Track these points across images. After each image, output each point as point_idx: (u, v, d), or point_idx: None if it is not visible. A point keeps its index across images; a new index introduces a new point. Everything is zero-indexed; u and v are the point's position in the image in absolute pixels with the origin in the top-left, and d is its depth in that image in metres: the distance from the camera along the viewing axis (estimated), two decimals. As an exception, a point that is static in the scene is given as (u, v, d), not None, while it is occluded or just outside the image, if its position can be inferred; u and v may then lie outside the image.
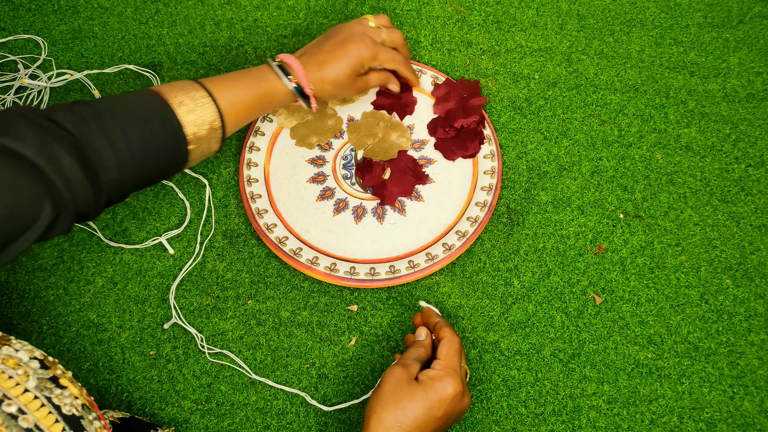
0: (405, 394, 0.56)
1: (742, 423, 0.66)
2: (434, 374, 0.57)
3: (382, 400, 0.56)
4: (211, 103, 0.62)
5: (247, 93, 0.66)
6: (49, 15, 0.90)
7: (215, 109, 0.62)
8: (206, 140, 0.62)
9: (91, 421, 0.46)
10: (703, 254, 0.74)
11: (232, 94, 0.64)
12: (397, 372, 0.57)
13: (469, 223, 0.73)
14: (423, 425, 0.55)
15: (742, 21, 0.90)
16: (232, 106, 0.64)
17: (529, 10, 0.91)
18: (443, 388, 0.56)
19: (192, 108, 0.60)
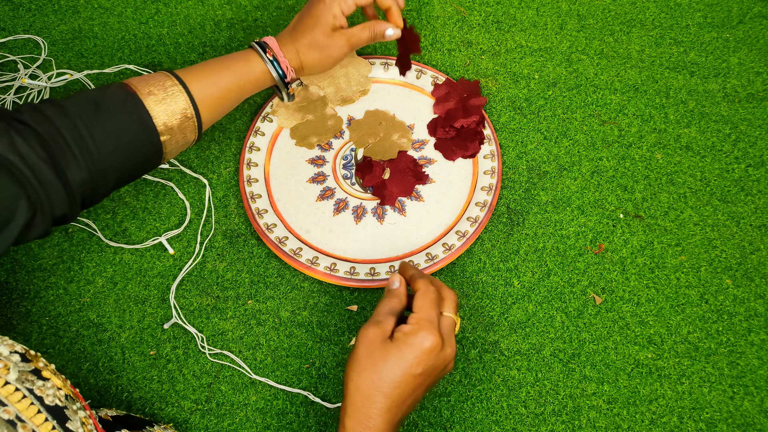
0: (380, 356, 0.52)
1: (742, 423, 0.66)
2: (408, 329, 0.53)
3: (357, 364, 0.53)
4: (182, 92, 0.61)
5: (221, 77, 0.65)
6: (49, 15, 0.90)
7: (186, 97, 0.61)
8: (179, 130, 0.61)
9: (76, 411, 0.46)
10: (703, 254, 0.74)
11: (206, 80, 0.64)
12: (370, 333, 0.53)
13: (469, 223, 0.73)
14: (402, 385, 0.52)
15: (742, 21, 0.90)
16: (206, 92, 0.63)
17: (529, 10, 0.91)
18: (418, 343, 0.52)
19: (162, 97, 0.59)
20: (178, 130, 0.61)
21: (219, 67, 0.65)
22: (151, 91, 0.59)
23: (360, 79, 0.84)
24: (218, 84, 0.64)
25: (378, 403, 0.51)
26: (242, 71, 0.66)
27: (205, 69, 0.65)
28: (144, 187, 0.78)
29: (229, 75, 0.65)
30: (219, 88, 0.64)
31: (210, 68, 0.65)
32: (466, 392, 0.67)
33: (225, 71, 0.65)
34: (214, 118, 0.65)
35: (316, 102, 0.82)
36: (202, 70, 0.64)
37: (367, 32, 0.70)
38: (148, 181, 0.78)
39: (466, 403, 0.67)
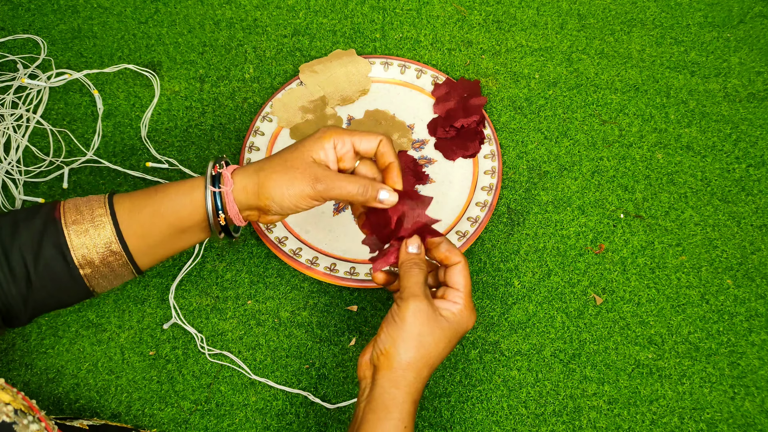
0: (431, 331, 0.52)
1: (742, 423, 0.66)
2: (458, 310, 0.54)
3: (410, 338, 0.52)
4: (109, 222, 0.53)
5: (156, 206, 0.54)
6: (49, 15, 0.90)
7: (112, 228, 0.53)
8: (104, 265, 0.53)
9: (27, 425, 0.45)
10: (703, 254, 0.74)
11: (139, 210, 0.54)
12: (423, 307, 0.52)
13: (469, 223, 0.73)
14: (443, 357, 0.54)
15: (742, 20, 0.90)
16: (138, 226, 0.54)
17: (529, 9, 0.91)
18: (465, 322, 0.54)
19: (86, 228, 0.53)
20: (102, 264, 0.53)
21: (158, 195, 0.55)
22: (76, 220, 0.53)
23: (360, 78, 0.83)
24: (151, 214, 0.54)
25: (424, 375, 0.53)
26: (179, 201, 0.54)
27: (142, 197, 0.55)
28: (143, 187, 0.78)
29: (166, 204, 0.54)
30: (153, 220, 0.54)
31: (148, 196, 0.55)
32: (466, 393, 0.67)
33: (163, 200, 0.54)
34: (155, 256, 0.56)
35: (316, 102, 0.82)
36: (142, 198, 0.55)
37: (356, 186, 0.53)
38: (148, 181, 0.78)
39: (466, 404, 0.66)
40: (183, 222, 0.55)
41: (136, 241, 0.54)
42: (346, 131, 0.55)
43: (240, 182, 0.54)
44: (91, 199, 0.55)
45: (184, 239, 0.56)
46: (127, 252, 0.54)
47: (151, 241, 0.55)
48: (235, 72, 0.86)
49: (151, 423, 0.65)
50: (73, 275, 0.53)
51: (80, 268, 0.53)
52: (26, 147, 0.79)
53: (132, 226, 0.54)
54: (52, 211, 0.53)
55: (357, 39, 0.88)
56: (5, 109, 0.81)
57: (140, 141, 0.81)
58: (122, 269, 0.55)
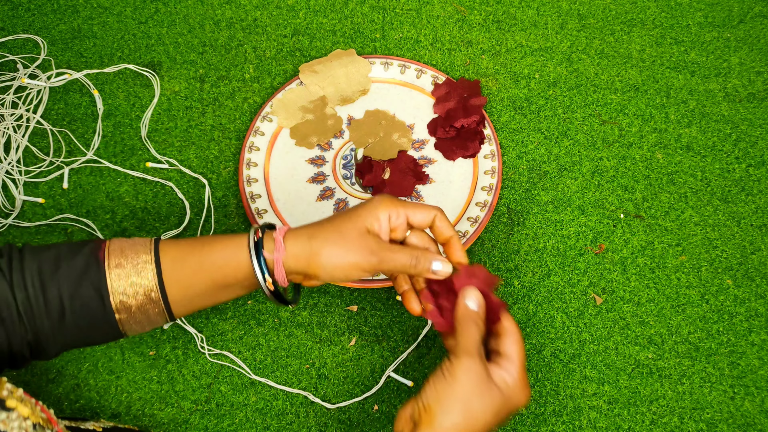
0: (482, 398, 0.48)
1: (742, 423, 0.66)
2: (514, 383, 0.50)
3: (458, 399, 0.48)
4: (152, 270, 0.52)
5: (201, 263, 0.53)
6: (49, 15, 0.90)
7: (155, 276, 0.52)
8: (140, 311, 0.53)
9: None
10: (703, 254, 0.74)
11: (185, 261, 0.53)
12: (478, 368, 0.48)
13: (469, 223, 0.73)
14: (487, 429, 0.49)
15: (742, 20, 0.90)
16: (181, 276, 0.53)
17: (529, 9, 0.91)
18: (518, 398, 0.50)
19: (128, 273, 0.52)
20: (139, 311, 0.53)
21: (205, 249, 0.54)
22: (120, 264, 0.52)
23: (360, 78, 0.83)
24: (195, 267, 0.53)
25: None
26: (225, 259, 0.53)
27: (188, 248, 0.54)
28: (144, 187, 0.78)
29: (212, 259, 0.53)
30: (196, 272, 0.53)
31: (193, 247, 0.54)
32: (466, 393, 0.67)
33: (209, 254, 0.53)
34: (192, 307, 0.55)
35: (316, 102, 0.82)
36: (184, 249, 0.54)
37: (407, 257, 0.52)
38: (148, 181, 0.78)
39: (466, 404, 0.66)
40: (227, 279, 0.53)
41: (176, 291, 0.53)
42: (400, 203, 0.53)
43: (291, 249, 0.52)
44: (137, 243, 0.54)
45: (225, 294, 0.55)
46: (165, 301, 0.53)
47: (192, 292, 0.54)
48: (235, 72, 0.86)
49: (151, 423, 0.65)
50: (108, 318, 0.52)
51: (116, 313, 0.52)
52: (26, 147, 0.80)
53: (174, 275, 0.53)
54: (96, 250, 0.53)
55: (357, 39, 0.88)
56: (5, 109, 0.81)
57: (140, 141, 0.81)
58: (158, 317, 0.54)
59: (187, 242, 0.54)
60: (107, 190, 0.77)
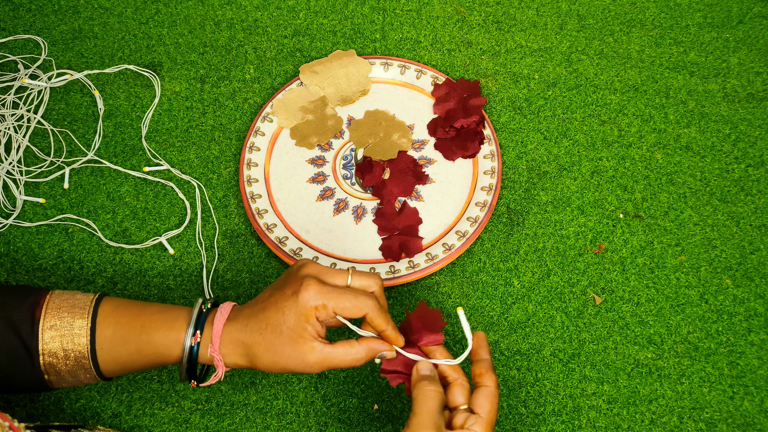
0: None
1: (742, 423, 0.66)
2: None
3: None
4: (86, 336, 0.52)
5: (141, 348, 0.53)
6: (50, 15, 0.90)
7: (87, 344, 0.52)
8: (71, 375, 0.53)
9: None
10: (703, 254, 0.74)
11: (124, 344, 0.53)
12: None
13: (469, 223, 0.73)
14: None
15: (741, 21, 0.90)
16: (117, 355, 0.53)
17: (529, 10, 0.91)
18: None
19: (61, 335, 0.52)
20: (68, 374, 0.53)
21: (144, 335, 0.53)
22: (54, 326, 0.52)
23: (360, 79, 0.84)
24: (133, 352, 0.53)
25: None
26: (163, 344, 0.53)
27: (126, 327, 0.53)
28: (144, 187, 0.78)
29: (150, 347, 0.53)
30: (133, 356, 0.53)
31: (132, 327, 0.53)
32: (466, 392, 0.67)
33: (148, 341, 0.53)
34: (125, 373, 0.55)
35: (317, 102, 0.82)
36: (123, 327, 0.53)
37: (352, 355, 0.51)
38: (148, 181, 0.78)
39: (466, 403, 0.67)
40: (165, 360, 0.54)
41: (112, 366, 0.54)
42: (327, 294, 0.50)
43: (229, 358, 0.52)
44: (77, 303, 0.53)
45: (160, 366, 0.56)
46: (97, 370, 0.53)
47: (128, 368, 0.54)
48: (235, 72, 0.86)
49: (151, 422, 0.65)
50: (37, 377, 0.52)
51: (45, 374, 0.52)
52: (27, 147, 0.80)
53: (111, 354, 0.53)
54: (34, 306, 0.53)
55: (357, 40, 0.88)
56: (6, 110, 0.81)
57: (141, 141, 0.81)
58: (89, 380, 0.54)
59: (128, 317, 0.54)
60: (108, 190, 0.78)
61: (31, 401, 0.66)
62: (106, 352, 0.53)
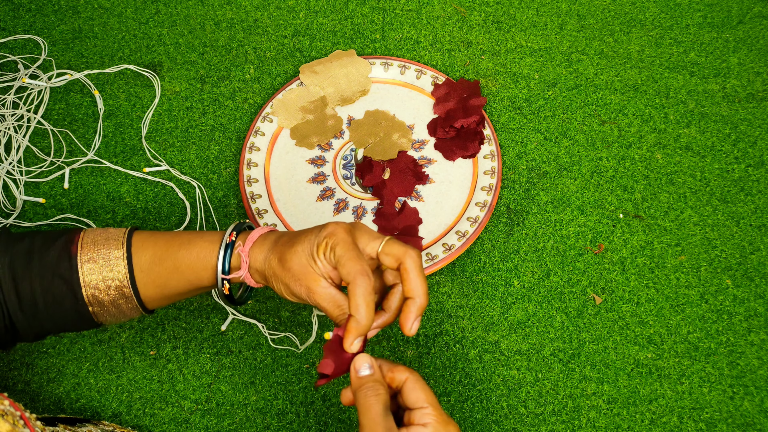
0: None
1: (742, 423, 0.66)
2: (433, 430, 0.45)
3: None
4: (124, 266, 0.53)
5: (178, 265, 0.54)
6: (50, 15, 0.90)
7: (126, 272, 0.53)
8: (112, 305, 0.53)
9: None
10: (703, 254, 0.74)
11: (161, 263, 0.54)
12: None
13: (469, 223, 0.73)
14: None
15: (741, 21, 0.90)
16: (156, 276, 0.54)
17: (529, 10, 0.91)
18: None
19: (101, 267, 0.53)
20: (111, 305, 0.53)
21: (181, 251, 0.54)
22: (92, 258, 0.53)
23: (360, 79, 0.84)
24: (170, 269, 0.54)
25: None
26: (200, 263, 0.54)
27: (164, 247, 0.54)
28: (144, 187, 0.78)
29: (187, 263, 0.54)
30: (171, 274, 0.54)
31: (169, 247, 0.54)
32: (465, 392, 0.67)
33: (185, 257, 0.54)
34: (167, 302, 0.56)
35: (317, 102, 0.82)
36: (160, 248, 0.54)
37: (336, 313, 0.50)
38: (149, 181, 0.78)
39: (465, 403, 0.67)
40: (201, 281, 0.54)
41: (152, 290, 0.54)
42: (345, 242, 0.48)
43: (254, 264, 0.53)
44: (110, 236, 0.54)
45: (200, 291, 0.56)
46: (138, 298, 0.54)
47: (168, 292, 0.55)
48: (235, 72, 0.86)
49: (151, 422, 0.65)
50: (81, 311, 0.53)
51: (89, 306, 0.53)
52: (27, 147, 0.80)
53: (150, 276, 0.54)
54: (68, 244, 0.53)
55: (357, 40, 0.88)
56: (6, 110, 0.81)
57: (141, 141, 0.81)
58: (132, 311, 0.55)
59: (164, 240, 0.55)
60: (108, 190, 0.78)
61: (31, 401, 0.66)
62: (145, 273, 0.54)
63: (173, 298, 0.56)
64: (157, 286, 0.54)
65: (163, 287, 0.54)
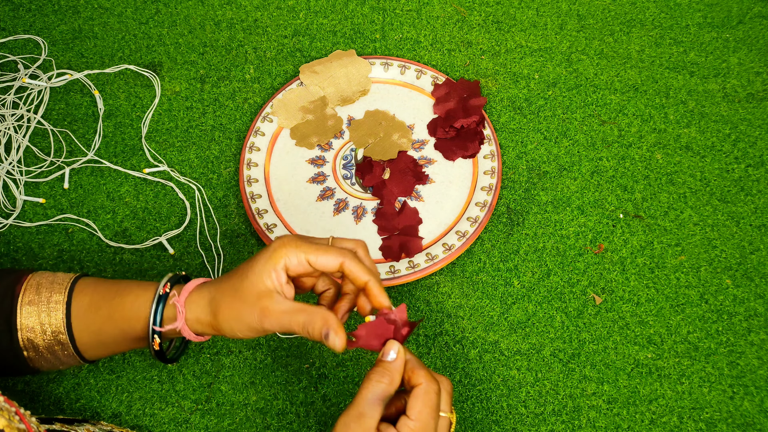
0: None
1: (741, 423, 0.66)
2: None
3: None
4: (62, 311, 0.52)
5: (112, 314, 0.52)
6: (50, 15, 0.90)
7: (63, 318, 0.52)
8: (49, 352, 0.52)
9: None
10: (702, 254, 0.74)
11: (98, 311, 0.52)
12: None
13: (469, 223, 0.73)
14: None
15: (741, 21, 0.90)
16: (92, 323, 0.52)
17: (529, 10, 0.91)
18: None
19: (38, 311, 0.52)
20: (46, 350, 0.52)
21: (116, 300, 0.53)
22: (32, 301, 0.52)
23: (360, 79, 0.84)
24: (106, 318, 0.52)
25: None
26: (134, 312, 0.52)
27: (102, 294, 0.53)
28: (144, 187, 0.78)
29: (120, 312, 0.52)
30: (106, 322, 0.52)
31: (107, 295, 0.53)
32: (465, 392, 0.67)
33: (118, 307, 0.52)
34: (104, 352, 0.54)
35: (317, 102, 0.82)
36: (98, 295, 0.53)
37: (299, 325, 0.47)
38: (149, 181, 0.78)
39: (465, 403, 0.67)
40: (136, 332, 0.53)
41: (86, 337, 0.53)
42: (302, 245, 0.48)
43: (193, 313, 0.51)
44: (56, 280, 0.54)
45: (137, 344, 0.55)
46: (74, 344, 0.53)
47: (103, 339, 0.53)
48: (235, 72, 0.86)
49: (151, 422, 0.65)
50: (16, 354, 0.52)
51: (24, 350, 0.52)
52: (27, 147, 0.80)
53: (85, 322, 0.52)
54: (15, 283, 0.53)
55: (357, 40, 0.88)
56: (6, 110, 0.81)
57: (141, 141, 0.81)
58: (69, 359, 0.54)
59: (105, 287, 0.54)
60: (108, 191, 0.78)
61: (31, 401, 0.66)
62: (81, 320, 0.52)
63: (110, 348, 0.55)
64: (92, 332, 0.53)
65: (98, 335, 0.53)
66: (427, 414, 0.45)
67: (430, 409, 0.45)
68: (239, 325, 0.48)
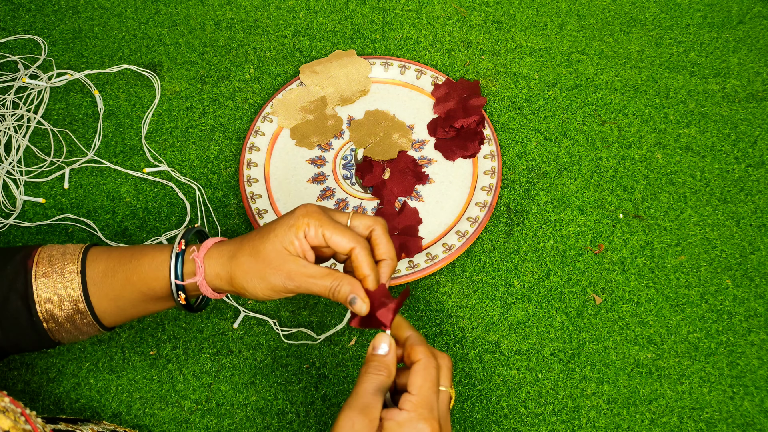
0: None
1: (742, 423, 0.66)
2: (404, 418, 0.45)
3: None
4: (78, 281, 0.52)
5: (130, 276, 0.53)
6: (50, 15, 0.90)
7: (80, 287, 0.52)
8: (69, 322, 0.53)
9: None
10: (703, 254, 0.74)
11: (114, 275, 0.53)
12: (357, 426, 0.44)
13: (469, 223, 0.73)
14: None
15: (741, 21, 0.90)
16: (109, 289, 0.53)
17: (529, 10, 0.91)
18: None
19: (53, 282, 0.52)
20: (66, 320, 0.53)
21: (132, 262, 0.53)
22: (46, 272, 0.52)
23: (360, 79, 0.84)
24: (123, 281, 0.53)
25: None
26: (152, 273, 0.52)
27: (117, 259, 0.53)
28: (144, 187, 0.78)
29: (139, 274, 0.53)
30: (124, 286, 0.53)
31: (122, 258, 0.53)
32: (465, 392, 0.67)
33: (136, 268, 0.53)
34: (123, 317, 0.55)
35: (317, 102, 0.82)
36: (113, 261, 0.53)
37: (324, 286, 0.49)
38: (149, 181, 0.78)
39: (465, 403, 0.67)
40: (155, 292, 0.53)
41: (105, 303, 0.53)
42: (322, 220, 0.49)
43: (212, 269, 0.52)
44: (67, 251, 0.54)
45: (156, 306, 0.55)
46: (92, 312, 0.53)
47: (122, 304, 0.54)
48: (235, 72, 0.86)
49: (151, 422, 0.65)
50: (37, 328, 0.53)
51: (44, 322, 0.52)
52: (27, 147, 0.80)
53: (103, 289, 0.53)
54: (26, 258, 0.53)
55: (357, 40, 0.88)
56: (6, 110, 0.81)
57: (141, 141, 0.81)
58: (88, 328, 0.54)
59: (118, 253, 0.54)
60: (108, 190, 0.78)
61: (31, 401, 0.66)
62: (98, 287, 0.53)
63: (129, 312, 0.55)
64: (111, 299, 0.53)
65: (116, 300, 0.53)
66: (428, 388, 0.46)
67: (430, 384, 0.46)
68: (261, 284, 0.50)
